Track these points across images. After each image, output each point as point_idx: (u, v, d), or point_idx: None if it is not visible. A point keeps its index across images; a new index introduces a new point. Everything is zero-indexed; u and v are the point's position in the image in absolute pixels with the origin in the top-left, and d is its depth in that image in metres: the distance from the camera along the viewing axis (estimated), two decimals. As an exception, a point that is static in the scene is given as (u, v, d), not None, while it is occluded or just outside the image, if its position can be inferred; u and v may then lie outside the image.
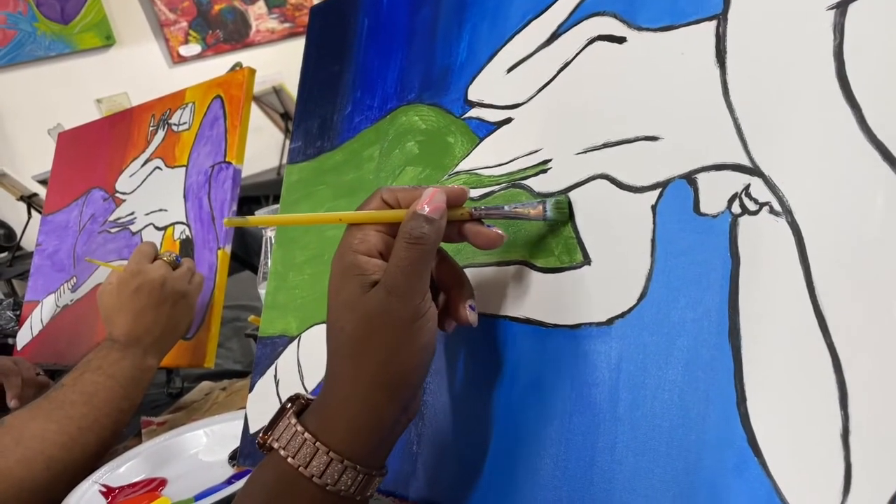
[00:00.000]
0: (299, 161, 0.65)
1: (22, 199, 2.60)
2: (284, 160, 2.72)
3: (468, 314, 0.42)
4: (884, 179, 0.31)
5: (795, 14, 0.36)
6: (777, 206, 0.34)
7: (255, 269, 1.40)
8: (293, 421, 0.39)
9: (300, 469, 0.37)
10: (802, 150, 0.34)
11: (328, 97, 0.63)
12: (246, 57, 3.69)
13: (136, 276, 0.79)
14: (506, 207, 0.43)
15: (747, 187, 0.36)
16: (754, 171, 0.36)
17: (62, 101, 3.19)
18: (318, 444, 0.38)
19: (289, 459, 0.38)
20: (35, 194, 2.58)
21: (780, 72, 0.36)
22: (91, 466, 0.71)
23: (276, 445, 0.39)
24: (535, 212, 0.43)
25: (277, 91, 2.71)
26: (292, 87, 2.74)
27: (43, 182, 2.41)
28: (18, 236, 2.75)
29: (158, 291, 0.79)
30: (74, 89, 3.29)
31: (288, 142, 2.76)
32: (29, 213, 2.60)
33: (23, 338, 1.16)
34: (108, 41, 3.40)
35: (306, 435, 0.38)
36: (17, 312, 1.20)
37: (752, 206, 0.35)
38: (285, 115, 2.79)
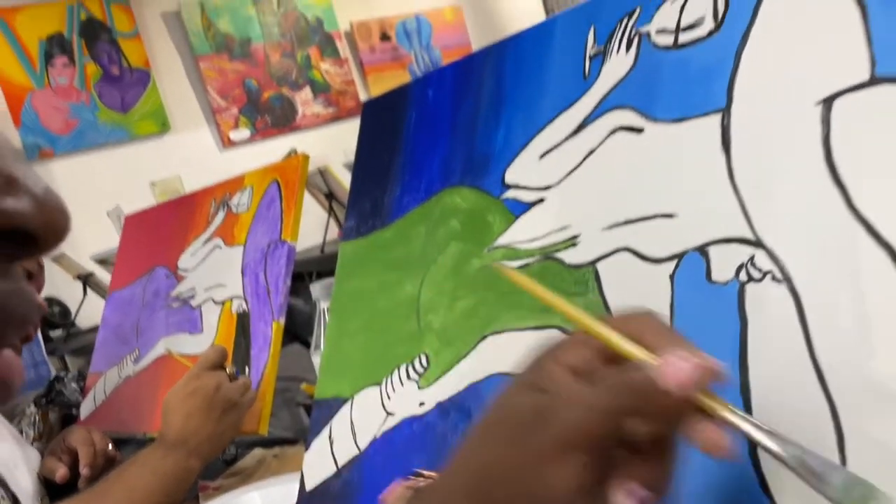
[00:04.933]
0: (353, 238, 0.71)
1: (79, 277, 2.71)
2: (329, 237, 2.79)
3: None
4: (866, 250, 0.36)
5: (789, 108, 0.41)
6: (778, 275, 0.39)
7: (303, 342, 1.46)
8: None
9: None
10: (798, 224, 0.39)
11: (380, 181, 0.70)
12: (292, 140, 3.85)
13: (194, 380, 0.85)
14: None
15: (752, 258, 0.41)
16: (758, 243, 0.41)
17: (119, 184, 3.33)
18: None
19: None
20: (91, 273, 2.69)
21: (777, 157, 0.41)
22: None
23: None
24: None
25: (322, 172, 2.80)
26: (336, 168, 2.85)
27: (101, 262, 2.52)
28: (73, 314, 2.85)
29: (211, 396, 0.84)
30: (130, 173, 3.44)
31: (331, 220, 2.84)
32: (84, 291, 2.70)
33: (86, 408, 1.23)
34: (163, 128, 3.59)
35: None
36: (81, 384, 1.27)
37: (756, 275, 0.40)
38: (329, 195, 2.88)
